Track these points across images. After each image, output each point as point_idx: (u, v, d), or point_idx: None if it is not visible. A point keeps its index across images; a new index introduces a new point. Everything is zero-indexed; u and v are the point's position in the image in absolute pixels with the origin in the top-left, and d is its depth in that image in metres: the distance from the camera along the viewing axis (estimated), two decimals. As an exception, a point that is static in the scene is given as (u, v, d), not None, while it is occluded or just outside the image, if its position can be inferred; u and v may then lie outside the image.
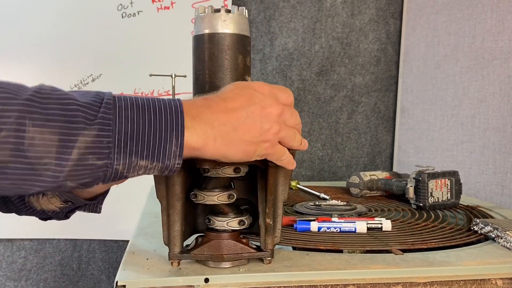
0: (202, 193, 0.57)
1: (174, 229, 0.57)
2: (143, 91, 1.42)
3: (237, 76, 0.56)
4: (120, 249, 1.51)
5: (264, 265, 0.59)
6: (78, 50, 1.40)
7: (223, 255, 0.57)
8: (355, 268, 0.58)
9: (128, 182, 0.54)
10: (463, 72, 1.21)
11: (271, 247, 0.59)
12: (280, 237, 0.60)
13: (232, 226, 0.58)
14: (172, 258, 0.58)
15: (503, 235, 0.68)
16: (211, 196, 0.56)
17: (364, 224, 0.75)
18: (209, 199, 0.57)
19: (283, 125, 0.49)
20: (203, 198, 0.57)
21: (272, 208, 0.58)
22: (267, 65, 1.49)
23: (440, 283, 0.58)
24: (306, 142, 0.54)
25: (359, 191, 1.07)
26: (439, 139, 1.31)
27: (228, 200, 0.57)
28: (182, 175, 0.56)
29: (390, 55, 1.54)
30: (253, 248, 0.59)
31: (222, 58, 0.55)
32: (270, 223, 0.58)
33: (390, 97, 1.55)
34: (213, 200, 0.57)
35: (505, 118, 1.07)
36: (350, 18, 1.51)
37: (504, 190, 1.07)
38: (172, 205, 0.57)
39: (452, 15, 1.26)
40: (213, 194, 0.57)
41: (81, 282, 1.52)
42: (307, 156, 1.53)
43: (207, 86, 0.56)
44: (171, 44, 1.41)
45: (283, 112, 0.49)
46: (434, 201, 0.92)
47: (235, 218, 0.58)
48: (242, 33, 0.56)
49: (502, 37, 1.08)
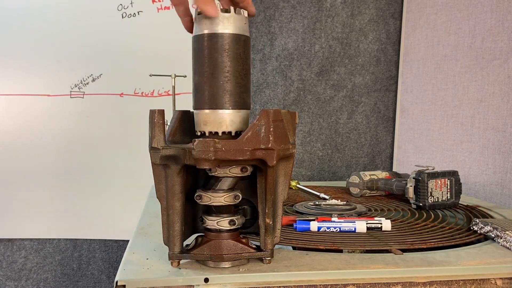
0: (208, 195, 0.57)
1: (174, 229, 0.57)
2: (143, 91, 1.42)
3: (236, 76, 0.56)
4: (120, 249, 1.51)
5: (263, 265, 0.59)
6: (78, 50, 1.41)
7: (223, 255, 0.57)
8: (354, 268, 0.58)
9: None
10: (463, 72, 1.21)
11: (271, 247, 0.59)
12: (280, 237, 0.60)
13: (222, 226, 0.58)
14: (172, 258, 0.58)
15: (503, 235, 0.68)
16: (217, 197, 0.57)
17: (364, 224, 0.75)
18: (215, 200, 0.57)
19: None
20: (209, 200, 0.57)
21: (272, 208, 0.58)
22: (267, 65, 1.49)
23: (439, 283, 0.58)
24: None
25: (359, 191, 1.07)
26: (439, 139, 1.31)
27: (234, 201, 0.58)
28: (182, 175, 0.56)
29: (390, 55, 1.54)
30: (253, 248, 0.59)
31: (221, 58, 0.55)
32: (270, 223, 0.58)
33: (390, 97, 1.55)
34: (220, 201, 0.57)
35: (505, 118, 1.07)
36: (350, 18, 1.51)
37: (503, 190, 1.07)
38: (171, 205, 0.57)
39: (452, 15, 1.26)
40: (220, 195, 0.57)
41: (81, 282, 1.52)
42: (307, 156, 1.54)
43: (206, 86, 0.56)
44: (171, 44, 1.41)
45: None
46: (434, 201, 0.92)
47: (226, 218, 0.58)
48: (241, 33, 0.56)
49: (502, 37, 1.08)
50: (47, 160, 1.42)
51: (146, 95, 1.42)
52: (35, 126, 1.41)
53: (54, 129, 1.42)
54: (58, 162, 1.42)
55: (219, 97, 0.56)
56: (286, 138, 0.56)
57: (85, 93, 1.42)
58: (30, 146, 1.41)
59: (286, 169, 0.59)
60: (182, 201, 0.57)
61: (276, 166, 0.56)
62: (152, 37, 1.41)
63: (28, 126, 1.41)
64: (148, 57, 1.41)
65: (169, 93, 1.41)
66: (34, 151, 1.42)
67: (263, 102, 1.50)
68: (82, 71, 1.41)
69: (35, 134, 1.41)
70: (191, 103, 0.59)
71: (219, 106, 0.56)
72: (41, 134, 1.41)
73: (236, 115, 0.56)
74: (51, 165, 1.42)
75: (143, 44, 1.41)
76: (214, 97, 0.56)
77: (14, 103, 1.40)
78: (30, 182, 1.42)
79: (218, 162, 0.53)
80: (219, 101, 0.56)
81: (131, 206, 1.40)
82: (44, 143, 1.42)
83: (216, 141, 0.52)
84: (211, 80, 0.56)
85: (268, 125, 0.54)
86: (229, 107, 0.56)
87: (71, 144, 1.42)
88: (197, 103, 0.57)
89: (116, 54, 1.41)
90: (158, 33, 1.40)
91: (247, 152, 0.53)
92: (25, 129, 1.41)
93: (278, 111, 0.55)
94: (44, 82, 1.41)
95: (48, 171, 1.42)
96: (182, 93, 1.38)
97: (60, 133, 1.42)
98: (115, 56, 1.41)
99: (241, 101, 0.57)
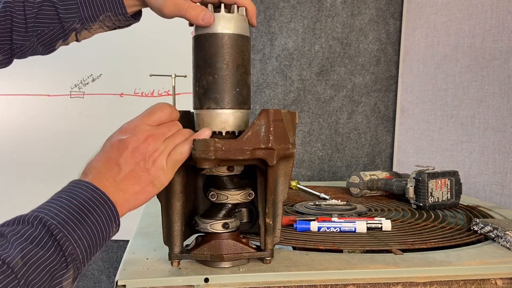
0: (224, 193, 0.58)
1: (174, 229, 0.57)
2: (143, 91, 1.42)
3: (236, 76, 0.56)
4: (120, 249, 1.51)
5: (264, 265, 0.59)
6: (78, 50, 1.40)
7: (223, 255, 0.57)
8: (354, 268, 0.58)
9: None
10: (463, 72, 1.21)
11: (271, 247, 0.59)
12: (280, 237, 0.60)
13: (215, 229, 0.58)
14: (172, 258, 0.58)
15: (503, 235, 0.68)
16: (234, 195, 0.58)
17: (364, 224, 0.75)
18: (232, 198, 0.58)
19: (147, 151, 0.50)
20: (226, 198, 0.58)
21: (272, 208, 0.58)
22: (267, 65, 1.49)
23: (439, 283, 0.58)
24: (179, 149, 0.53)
25: (359, 191, 1.07)
26: (439, 139, 1.31)
27: (247, 198, 0.59)
28: (182, 175, 0.56)
29: (390, 55, 1.54)
30: (253, 248, 0.59)
31: (221, 59, 0.55)
32: (270, 223, 0.58)
33: (390, 97, 1.55)
34: (237, 199, 0.59)
35: (505, 118, 1.07)
36: (350, 18, 1.51)
37: (504, 190, 1.07)
38: (171, 205, 0.57)
39: (452, 15, 1.26)
40: (236, 193, 0.58)
41: (81, 282, 1.52)
42: (307, 156, 1.54)
43: (207, 86, 0.56)
44: (171, 44, 1.41)
45: (139, 144, 0.50)
46: (434, 201, 0.92)
47: (220, 221, 0.58)
48: (241, 33, 0.56)
49: (502, 37, 1.08)
50: (47, 159, 1.42)
51: (146, 95, 1.42)
52: (35, 126, 1.41)
53: (54, 129, 1.41)
54: (58, 162, 1.42)
55: (219, 97, 0.56)
56: (286, 138, 0.56)
57: (85, 93, 1.42)
58: (30, 146, 1.41)
59: (286, 169, 0.59)
60: (183, 200, 0.57)
61: (276, 166, 0.56)
62: (152, 37, 1.41)
63: (28, 126, 1.41)
64: (148, 57, 1.41)
65: (169, 93, 1.41)
66: (34, 151, 1.42)
67: (263, 102, 1.50)
68: (82, 71, 1.41)
69: (35, 134, 1.41)
70: (191, 103, 0.59)
71: (219, 106, 0.56)
72: (41, 134, 1.41)
73: (236, 115, 0.56)
74: (51, 164, 1.42)
75: (143, 44, 1.41)
76: (214, 97, 0.56)
77: (14, 103, 1.40)
78: (30, 182, 1.42)
79: (218, 162, 0.53)
80: (219, 101, 0.56)
81: (131, 206, 1.40)
82: (44, 143, 1.42)
83: (216, 140, 0.52)
84: (211, 81, 0.56)
85: (268, 124, 0.54)
86: (229, 107, 0.56)
87: (71, 144, 1.42)
88: (197, 103, 0.57)
89: (116, 54, 1.41)
90: (158, 33, 1.40)
91: (247, 151, 0.53)
92: (25, 129, 1.41)
93: (278, 111, 0.55)
94: (44, 82, 1.41)
95: (48, 170, 1.42)
96: (182, 93, 1.38)
97: (60, 133, 1.42)
98: (115, 56, 1.41)
99: (241, 101, 0.57)
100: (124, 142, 0.51)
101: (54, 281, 0.43)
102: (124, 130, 0.52)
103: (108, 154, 0.51)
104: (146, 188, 0.51)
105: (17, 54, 0.67)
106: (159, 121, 0.53)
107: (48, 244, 0.43)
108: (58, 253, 0.43)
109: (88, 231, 0.46)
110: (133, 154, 0.50)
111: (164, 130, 0.52)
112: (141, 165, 0.50)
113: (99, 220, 0.47)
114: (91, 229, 0.46)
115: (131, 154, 0.50)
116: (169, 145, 0.52)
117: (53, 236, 0.43)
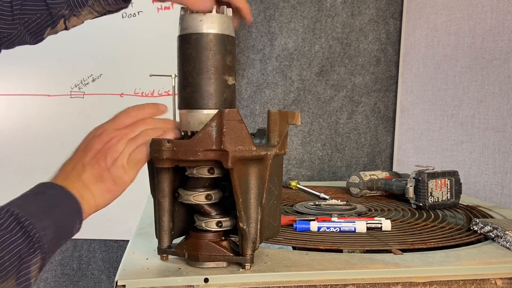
0: (184, 192, 0.58)
1: (161, 224, 0.59)
2: (143, 91, 1.42)
3: (219, 76, 0.56)
4: (120, 249, 1.51)
5: (263, 264, 0.59)
6: (78, 50, 1.40)
7: (198, 255, 0.57)
8: (354, 268, 0.58)
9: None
10: (463, 72, 1.21)
11: (250, 252, 0.57)
12: (259, 243, 0.58)
13: (210, 227, 0.58)
14: (159, 252, 0.60)
15: (503, 235, 0.68)
16: (191, 195, 0.58)
17: (364, 224, 0.75)
18: (189, 199, 0.58)
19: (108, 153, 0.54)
20: (186, 198, 0.58)
21: (244, 211, 0.55)
22: (267, 65, 1.49)
23: (439, 283, 0.58)
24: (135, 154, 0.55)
25: (359, 191, 1.07)
26: (439, 139, 1.31)
27: (205, 200, 0.57)
28: (169, 174, 0.58)
29: (390, 55, 1.54)
30: (232, 251, 0.58)
31: (204, 58, 0.55)
32: (243, 227, 0.56)
33: (390, 97, 1.55)
34: (192, 200, 0.58)
35: (505, 118, 1.07)
36: (350, 18, 1.51)
37: (504, 190, 1.07)
38: (159, 202, 0.58)
39: (452, 15, 1.26)
40: (190, 194, 0.58)
41: (81, 282, 1.52)
42: (307, 156, 1.54)
43: (190, 86, 0.56)
44: (171, 44, 1.40)
45: (102, 145, 0.55)
46: (434, 201, 0.92)
47: (214, 219, 0.58)
48: (224, 32, 0.56)
49: (502, 37, 1.08)
50: (47, 160, 1.42)
51: (146, 95, 1.42)
52: (35, 126, 1.41)
53: (54, 129, 1.41)
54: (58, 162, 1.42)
55: (187, 98, 0.56)
56: (246, 140, 0.53)
57: (85, 93, 1.42)
58: (30, 146, 1.41)
59: (261, 172, 0.56)
60: (170, 198, 0.59)
61: (242, 168, 0.54)
62: (152, 37, 1.41)
63: (28, 126, 1.41)
64: (148, 57, 1.41)
65: (169, 93, 1.41)
66: (34, 151, 1.42)
67: (263, 102, 1.50)
68: (82, 71, 1.41)
69: (35, 134, 1.41)
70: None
71: (187, 106, 0.56)
72: (41, 134, 1.41)
73: (198, 116, 0.56)
74: (51, 165, 1.42)
75: (143, 44, 1.41)
76: (193, 98, 0.56)
77: (14, 103, 1.40)
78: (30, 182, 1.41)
79: (172, 162, 0.53)
80: (185, 102, 0.57)
81: (131, 206, 1.40)
82: (44, 143, 1.42)
83: (167, 141, 0.53)
84: (195, 80, 0.56)
85: (220, 125, 0.52)
86: (207, 107, 0.56)
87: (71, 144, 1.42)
88: (179, 104, 0.58)
89: (116, 54, 1.41)
90: (158, 33, 1.40)
91: (198, 152, 0.52)
92: (25, 129, 1.41)
93: (234, 111, 0.53)
94: (44, 82, 1.41)
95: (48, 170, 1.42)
96: (182, 93, 1.37)
97: (60, 133, 1.41)
98: (115, 56, 1.41)
99: (222, 102, 0.57)
100: (90, 144, 0.56)
101: (23, 265, 0.46)
102: (91, 134, 0.57)
103: (76, 155, 0.58)
104: (110, 187, 0.55)
105: (4, 44, 0.67)
106: (124, 124, 0.56)
107: (16, 229, 0.46)
108: (26, 238, 0.46)
109: (54, 222, 0.49)
110: (96, 155, 0.54)
111: (127, 131, 0.55)
112: (102, 164, 0.54)
113: (64, 213, 0.51)
114: (57, 221, 0.49)
115: (94, 155, 0.55)
116: (130, 145, 0.55)
117: (20, 223, 0.46)
